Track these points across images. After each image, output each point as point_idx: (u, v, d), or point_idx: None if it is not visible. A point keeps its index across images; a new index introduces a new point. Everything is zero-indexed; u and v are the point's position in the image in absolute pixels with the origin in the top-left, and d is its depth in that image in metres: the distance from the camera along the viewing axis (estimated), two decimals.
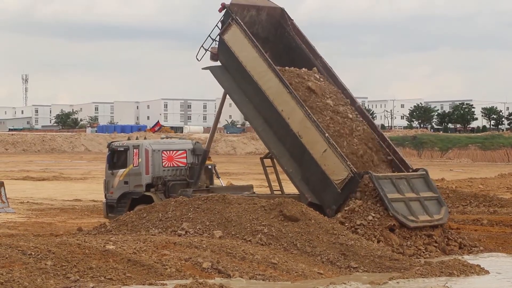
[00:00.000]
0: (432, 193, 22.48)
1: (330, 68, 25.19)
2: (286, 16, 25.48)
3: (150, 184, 25.18)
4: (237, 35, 23.82)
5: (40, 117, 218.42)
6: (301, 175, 22.93)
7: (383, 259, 18.40)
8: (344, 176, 21.90)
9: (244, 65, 23.77)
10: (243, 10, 24.69)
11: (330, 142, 22.33)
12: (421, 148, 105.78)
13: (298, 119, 22.81)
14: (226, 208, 20.20)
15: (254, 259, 17.16)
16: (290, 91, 23.03)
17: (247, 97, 23.99)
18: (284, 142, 23.31)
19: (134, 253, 16.35)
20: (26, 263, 14.92)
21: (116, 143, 26.49)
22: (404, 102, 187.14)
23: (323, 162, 22.32)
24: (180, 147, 26.05)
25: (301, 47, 25.27)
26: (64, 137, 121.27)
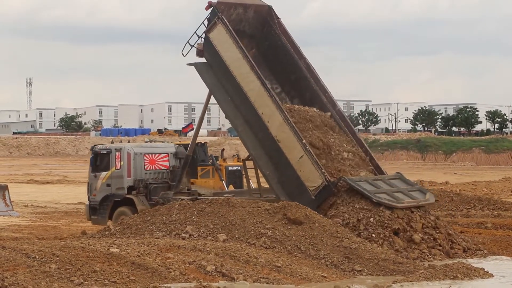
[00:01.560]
0: (412, 186, 22.92)
1: (313, 70, 25.34)
2: (273, 14, 25.63)
3: (132, 187, 25.57)
4: (222, 35, 24.02)
5: (44, 120, 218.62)
6: (277, 178, 23.15)
7: (387, 262, 18.39)
8: (319, 183, 22.15)
9: (227, 64, 23.97)
10: (230, 8, 24.87)
11: (306, 148, 22.55)
12: (425, 152, 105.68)
13: (277, 123, 23.02)
14: (230, 211, 20.21)
15: (258, 262, 17.16)
16: (270, 95, 23.28)
17: (229, 96, 24.18)
18: (263, 144, 23.51)
19: (138, 256, 16.36)
20: (30, 266, 14.93)
21: (99, 146, 26.99)
22: (408, 106, 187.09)
23: (299, 168, 22.56)
24: (162, 151, 26.48)
25: (286, 46, 25.44)
26: (68, 140, 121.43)
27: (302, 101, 25.37)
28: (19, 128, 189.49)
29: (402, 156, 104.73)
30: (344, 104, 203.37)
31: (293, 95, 25.65)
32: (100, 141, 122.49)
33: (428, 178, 51.07)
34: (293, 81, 25.58)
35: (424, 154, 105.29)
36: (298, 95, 25.54)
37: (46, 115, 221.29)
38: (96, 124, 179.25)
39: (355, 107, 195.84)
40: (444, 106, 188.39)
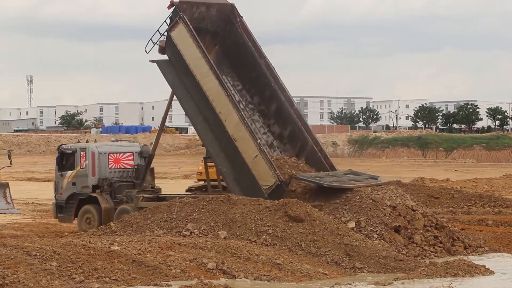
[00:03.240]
0: (363, 176, 24.35)
1: (273, 69, 26.03)
2: (236, 13, 26.27)
3: (96, 185, 26.09)
4: (183, 34, 24.58)
5: (45, 118, 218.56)
6: (233, 176, 23.98)
7: (388, 259, 18.39)
8: (272, 182, 23.05)
9: (187, 63, 24.58)
10: (192, 6, 25.45)
11: (261, 148, 23.45)
12: (426, 149, 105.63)
13: (233, 123, 23.79)
14: (231, 208, 20.21)
15: (259, 259, 17.16)
16: (228, 95, 24.05)
17: (189, 94, 24.83)
18: (220, 142, 24.26)
19: (139, 254, 16.36)
20: (31, 264, 14.93)
21: (65, 145, 27.48)
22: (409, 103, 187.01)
23: (254, 167, 23.39)
24: (127, 150, 26.99)
25: (248, 44, 26.07)
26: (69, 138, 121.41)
27: (262, 98, 26.16)
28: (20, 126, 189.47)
29: (403, 153, 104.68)
30: (345, 101, 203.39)
31: (253, 92, 26.35)
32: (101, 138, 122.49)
33: (429, 175, 51.04)
34: (254, 79, 26.26)
35: (425, 151, 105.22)
36: (258, 93, 26.26)
37: (46, 113, 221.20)
38: (96, 122, 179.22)
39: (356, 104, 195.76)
40: (445, 103, 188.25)
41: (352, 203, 21.41)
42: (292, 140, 25.74)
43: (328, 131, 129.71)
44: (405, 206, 21.16)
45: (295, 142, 25.66)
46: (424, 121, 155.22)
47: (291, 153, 25.46)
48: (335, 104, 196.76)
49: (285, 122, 25.83)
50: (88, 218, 25.59)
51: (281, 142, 25.90)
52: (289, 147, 25.74)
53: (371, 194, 21.61)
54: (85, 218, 25.64)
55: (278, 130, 25.96)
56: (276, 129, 26.00)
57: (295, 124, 25.66)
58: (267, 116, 26.11)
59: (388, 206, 21.00)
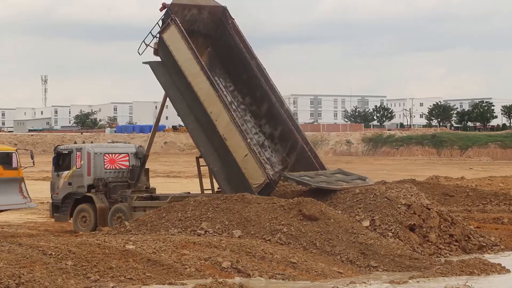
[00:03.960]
0: (352, 176, 24.81)
1: (264, 69, 26.45)
2: (227, 15, 26.66)
3: (91, 185, 26.46)
4: (175, 36, 25.01)
5: (60, 117, 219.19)
6: (224, 175, 24.50)
7: (403, 258, 18.34)
8: (261, 181, 23.59)
9: (179, 64, 25.01)
10: (184, 9, 25.91)
11: (251, 147, 24.00)
12: (440, 147, 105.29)
13: (224, 123, 24.28)
14: (245, 207, 20.20)
15: (273, 258, 17.14)
16: (219, 95, 24.56)
17: (181, 95, 25.30)
18: (211, 141, 24.77)
19: (153, 252, 16.38)
20: (47, 263, 14.97)
21: (62, 146, 28.12)
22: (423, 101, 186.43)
23: (244, 165, 23.89)
24: (122, 151, 27.47)
25: (239, 46, 26.46)
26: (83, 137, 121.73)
27: (253, 99, 26.60)
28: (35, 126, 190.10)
29: (417, 151, 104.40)
30: (359, 100, 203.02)
31: (245, 93, 26.77)
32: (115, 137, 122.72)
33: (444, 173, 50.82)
34: (245, 80, 26.66)
35: (440, 150, 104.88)
36: (250, 93, 26.68)
37: (61, 113, 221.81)
38: (111, 121, 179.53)
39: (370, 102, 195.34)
40: (460, 101, 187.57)
41: (367, 201, 21.36)
42: (282, 140, 26.20)
43: (342, 129, 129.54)
44: (420, 205, 21.10)
45: (285, 142, 26.12)
46: (439, 119, 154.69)
47: (282, 153, 25.98)
48: (349, 102, 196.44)
49: (276, 122, 26.30)
50: (83, 217, 25.91)
51: (272, 142, 26.35)
52: (279, 147, 26.19)
53: (385, 193, 21.56)
54: (81, 217, 26.01)
55: (269, 130, 26.44)
56: (267, 129, 26.47)
57: (286, 124, 26.10)
58: (259, 116, 26.61)
59: (403, 205, 20.94)
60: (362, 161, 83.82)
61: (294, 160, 25.63)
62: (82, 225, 26.04)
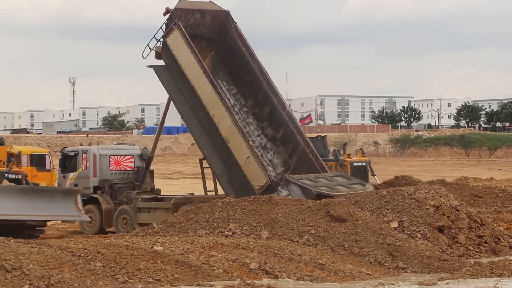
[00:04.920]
0: (352, 180, 25.19)
1: (266, 73, 26.90)
2: (230, 19, 27.14)
3: (97, 187, 26.93)
4: (178, 40, 25.49)
5: (88, 119, 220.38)
6: (227, 177, 24.95)
7: (432, 259, 18.23)
8: (263, 183, 24.10)
9: (182, 68, 25.48)
10: (187, 14, 26.39)
11: (252, 150, 24.49)
12: (469, 148, 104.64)
13: (227, 125, 24.74)
14: (273, 209, 20.18)
15: (301, 259, 17.11)
16: (221, 98, 25.01)
17: (185, 98, 25.74)
18: (214, 144, 25.21)
19: (181, 254, 16.40)
20: (76, 265, 15.03)
21: (68, 148, 28.54)
22: (451, 101, 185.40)
23: (246, 167, 24.35)
24: (128, 152, 27.94)
25: (242, 50, 26.91)
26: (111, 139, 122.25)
27: (255, 101, 27.02)
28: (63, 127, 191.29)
29: (446, 152, 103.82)
30: (386, 100, 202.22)
31: (247, 96, 27.21)
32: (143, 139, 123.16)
33: (473, 174, 50.54)
34: (248, 83, 27.10)
35: (468, 150, 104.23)
36: (252, 96, 27.10)
37: (89, 114, 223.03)
38: (138, 123, 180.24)
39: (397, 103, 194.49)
40: (488, 101, 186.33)
41: (395, 202, 21.27)
42: (284, 142, 26.56)
43: (370, 130, 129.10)
44: (449, 206, 20.98)
45: (287, 144, 26.48)
46: (467, 120, 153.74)
47: (284, 155, 26.36)
48: (376, 103, 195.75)
49: (278, 124, 26.70)
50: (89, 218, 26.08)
51: (274, 144, 26.73)
52: (281, 149, 26.59)
53: (414, 194, 21.46)
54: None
55: (271, 132, 26.82)
56: (269, 131, 26.85)
57: (287, 126, 26.49)
58: (261, 119, 26.99)
59: (431, 206, 20.84)
60: (390, 162, 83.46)
61: (296, 161, 26.09)
62: (88, 226, 26.37)
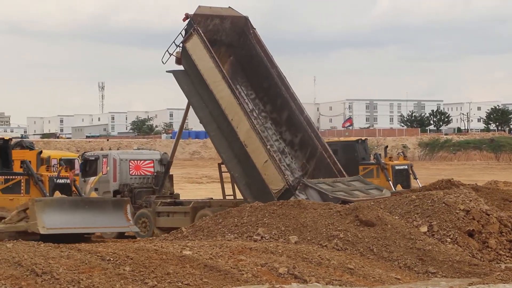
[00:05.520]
0: (369, 185, 25.40)
1: (284, 78, 27.16)
2: (249, 25, 27.41)
3: (117, 191, 27.26)
4: (197, 45, 25.81)
5: (116, 124, 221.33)
6: (245, 180, 25.19)
7: (462, 264, 18.11)
8: (281, 186, 24.29)
9: (201, 73, 25.76)
10: (206, 19, 26.73)
11: (270, 154, 24.72)
12: (498, 151, 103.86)
13: (245, 129, 24.98)
14: (302, 213, 20.15)
15: (330, 264, 17.06)
16: (239, 103, 25.31)
17: (204, 103, 26.03)
18: (232, 148, 25.46)
19: (210, 258, 16.41)
20: (105, 269, 15.10)
21: (89, 153, 29.01)
22: (481, 105, 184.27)
23: (264, 171, 24.59)
24: (147, 157, 28.30)
25: (260, 55, 27.18)
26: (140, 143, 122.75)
27: (273, 106, 27.30)
28: (92, 132, 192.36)
29: (475, 156, 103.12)
30: (415, 104, 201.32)
31: (266, 101, 27.47)
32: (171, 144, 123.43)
33: (503, 178, 50.07)
34: (266, 88, 27.35)
35: (498, 154, 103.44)
36: (270, 101, 27.40)
37: (118, 119, 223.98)
38: (167, 127, 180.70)
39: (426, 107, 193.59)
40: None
41: (424, 207, 21.15)
42: (302, 147, 26.78)
43: (398, 134, 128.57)
44: (479, 210, 20.83)
45: (305, 149, 26.70)
46: (497, 123, 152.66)
47: (302, 159, 26.58)
48: (405, 107, 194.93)
49: (296, 129, 26.93)
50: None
51: (292, 149, 26.94)
52: (299, 153, 26.81)
53: (443, 198, 21.32)
54: None
55: (289, 137, 27.05)
56: (287, 136, 27.08)
57: (305, 131, 26.70)
58: (279, 124, 27.22)
59: (461, 210, 20.69)
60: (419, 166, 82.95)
61: (314, 166, 26.34)
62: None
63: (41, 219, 21.28)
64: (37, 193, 22.68)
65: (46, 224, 21.31)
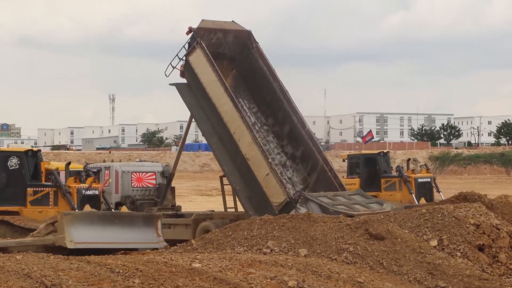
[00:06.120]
0: (370, 199, 25.65)
1: (286, 92, 27.40)
2: (252, 39, 27.61)
3: (119, 203, 27.53)
4: (200, 58, 25.96)
5: (127, 136, 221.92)
6: (246, 193, 25.31)
7: (472, 278, 18.05)
8: (282, 199, 24.41)
9: (204, 86, 25.91)
10: (209, 33, 26.88)
11: (272, 167, 24.89)
12: (509, 166, 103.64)
13: (246, 143, 25.12)
14: (311, 226, 20.13)
15: (340, 277, 17.02)
16: (242, 116, 25.47)
17: (206, 115, 26.21)
18: (234, 161, 25.61)
19: (220, 271, 16.40)
20: (115, 281, 15.09)
21: (91, 165, 28.82)
22: (491, 119, 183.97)
23: (265, 184, 24.71)
24: (149, 169, 28.51)
25: (263, 69, 27.37)
26: (150, 155, 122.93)
27: (275, 120, 27.54)
28: (102, 144, 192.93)
29: (486, 170, 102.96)
30: (425, 118, 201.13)
31: (268, 114, 27.74)
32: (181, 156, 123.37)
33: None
34: (268, 102, 27.61)
35: (509, 168, 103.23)
36: (272, 115, 27.62)
37: (128, 131, 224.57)
38: (177, 139, 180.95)
39: (437, 120, 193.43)
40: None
41: (434, 221, 21.11)
42: (304, 160, 26.95)
43: (408, 147, 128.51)
44: (489, 224, 20.79)
45: (306, 162, 26.88)
46: (507, 138, 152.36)
47: (303, 173, 26.82)
48: (415, 120, 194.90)
49: (297, 142, 27.17)
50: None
51: (293, 162, 27.15)
52: (301, 167, 27.00)
53: (453, 212, 21.29)
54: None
55: (291, 151, 27.25)
56: (289, 149, 27.30)
57: (307, 144, 26.89)
58: (281, 137, 27.46)
59: (471, 224, 20.65)
60: None
61: (315, 179, 26.56)
62: None
63: (69, 233, 20.75)
64: (65, 205, 22.48)
65: (74, 238, 20.77)
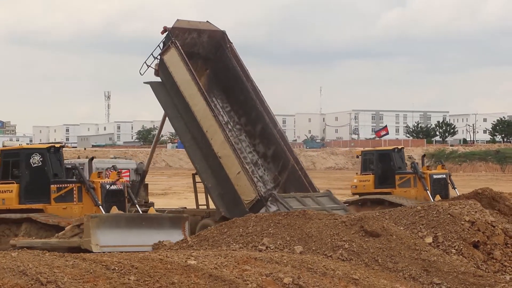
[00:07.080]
0: (337, 205, 26.07)
1: (259, 91, 27.91)
2: (226, 39, 28.10)
3: None
4: (175, 58, 26.32)
5: (122, 133, 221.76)
6: (218, 191, 25.72)
7: (467, 275, 18.09)
8: (253, 197, 24.93)
9: (178, 85, 26.30)
10: (184, 33, 27.26)
11: (243, 165, 25.36)
12: (504, 163, 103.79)
13: (219, 141, 25.56)
14: (307, 223, 20.16)
15: (335, 274, 17.05)
16: (214, 115, 25.92)
17: (179, 114, 26.63)
18: (206, 159, 26.01)
19: (215, 268, 16.42)
20: (110, 278, 15.10)
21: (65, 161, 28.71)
22: (487, 116, 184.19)
23: (237, 182, 25.18)
24: (123, 166, 28.70)
25: (236, 69, 27.86)
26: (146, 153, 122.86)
27: (248, 119, 27.97)
28: (98, 141, 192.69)
29: (481, 167, 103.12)
30: (421, 115, 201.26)
31: (241, 114, 28.19)
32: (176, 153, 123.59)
33: (508, 189, 50.05)
34: (242, 101, 28.07)
35: (504, 166, 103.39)
36: (245, 114, 28.08)
37: (123, 128, 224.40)
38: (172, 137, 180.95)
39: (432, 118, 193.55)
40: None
41: (430, 218, 21.16)
42: (275, 159, 27.42)
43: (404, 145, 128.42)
44: (484, 221, 20.84)
45: (278, 161, 27.37)
46: (503, 135, 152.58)
47: (274, 171, 27.29)
48: (411, 118, 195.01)
49: (269, 142, 27.62)
50: None
51: (265, 161, 27.59)
52: (272, 166, 27.48)
53: (449, 209, 21.34)
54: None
55: (263, 150, 27.67)
56: (260, 148, 27.72)
57: (278, 144, 27.37)
58: (253, 136, 27.88)
59: (466, 221, 20.70)
60: None
61: (286, 178, 27.03)
62: None
63: (95, 236, 20.57)
64: (89, 201, 22.42)
65: (100, 241, 20.62)
